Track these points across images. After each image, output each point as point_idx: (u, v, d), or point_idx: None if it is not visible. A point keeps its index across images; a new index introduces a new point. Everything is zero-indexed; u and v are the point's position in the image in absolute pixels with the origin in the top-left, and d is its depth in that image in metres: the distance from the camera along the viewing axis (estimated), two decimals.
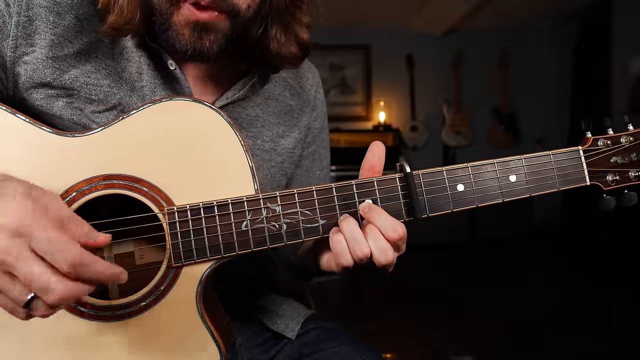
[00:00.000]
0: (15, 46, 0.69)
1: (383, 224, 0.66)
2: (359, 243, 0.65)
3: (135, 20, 0.70)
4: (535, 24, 5.23)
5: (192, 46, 0.70)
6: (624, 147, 0.76)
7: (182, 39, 0.70)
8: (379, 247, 0.65)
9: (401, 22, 5.09)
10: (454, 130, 5.32)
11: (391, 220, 0.66)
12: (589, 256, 4.26)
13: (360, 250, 0.65)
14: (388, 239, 0.66)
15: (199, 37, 0.70)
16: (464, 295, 3.47)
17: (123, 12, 0.69)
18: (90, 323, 0.65)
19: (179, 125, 0.67)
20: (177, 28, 0.70)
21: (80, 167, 0.65)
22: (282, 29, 0.79)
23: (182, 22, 0.70)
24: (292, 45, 0.81)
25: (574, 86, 5.11)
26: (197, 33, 0.70)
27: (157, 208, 0.65)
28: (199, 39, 0.70)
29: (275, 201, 0.67)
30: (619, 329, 2.78)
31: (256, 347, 0.87)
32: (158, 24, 0.71)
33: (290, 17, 0.79)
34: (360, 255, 0.65)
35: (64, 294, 0.51)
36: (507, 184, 0.72)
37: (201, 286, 0.66)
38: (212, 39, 0.71)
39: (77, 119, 0.73)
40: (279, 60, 0.81)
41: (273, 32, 0.78)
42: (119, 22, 0.69)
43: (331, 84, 5.37)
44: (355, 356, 0.81)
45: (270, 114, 0.89)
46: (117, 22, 0.69)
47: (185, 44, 0.70)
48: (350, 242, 0.66)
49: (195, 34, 0.70)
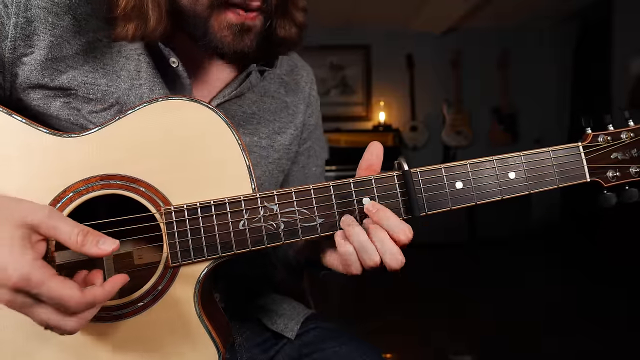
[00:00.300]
0: (14, 47, 0.69)
1: (393, 227, 0.64)
2: (368, 253, 0.64)
3: (164, 28, 0.70)
4: (535, 24, 5.22)
5: (234, 48, 0.72)
6: (625, 143, 0.75)
7: (225, 41, 0.71)
8: (390, 252, 0.64)
9: (401, 22, 5.09)
10: (454, 130, 5.31)
11: (401, 223, 0.65)
12: (587, 254, 4.25)
13: (370, 260, 0.64)
14: (398, 242, 0.64)
15: (240, 39, 0.71)
16: (464, 295, 3.47)
17: (148, 22, 0.68)
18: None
19: (175, 125, 0.67)
20: (216, 31, 0.71)
21: (77, 167, 0.65)
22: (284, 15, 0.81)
23: (222, 25, 0.70)
24: (292, 29, 0.83)
25: (574, 86, 5.10)
26: (239, 34, 0.71)
27: (154, 208, 0.65)
28: (240, 40, 0.71)
29: (272, 200, 0.67)
30: (618, 327, 2.77)
31: (255, 347, 0.87)
32: (192, 28, 0.72)
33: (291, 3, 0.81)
34: (371, 264, 0.64)
35: (78, 326, 0.55)
36: (506, 181, 0.71)
37: (199, 286, 0.66)
38: (251, 38, 0.73)
39: (74, 119, 0.72)
40: (283, 46, 0.83)
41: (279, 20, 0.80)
42: (144, 31, 0.69)
43: (331, 84, 5.37)
44: (355, 356, 0.81)
45: (266, 111, 0.89)
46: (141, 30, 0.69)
47: (229, 46, 0.71)
48: (360, 252, 0.65)
49: (237, 36, 0.71)
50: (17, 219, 0.53)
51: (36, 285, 0.51)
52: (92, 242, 0.56)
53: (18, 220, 0.53)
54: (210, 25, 0.70)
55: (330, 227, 0.68)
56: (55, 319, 0.53)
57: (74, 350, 0.64)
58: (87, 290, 0.54)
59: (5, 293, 0.51)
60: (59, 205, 0.64)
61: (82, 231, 0.55)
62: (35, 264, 0.52)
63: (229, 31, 0.71)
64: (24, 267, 0.51)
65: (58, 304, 0.52)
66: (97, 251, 0.56)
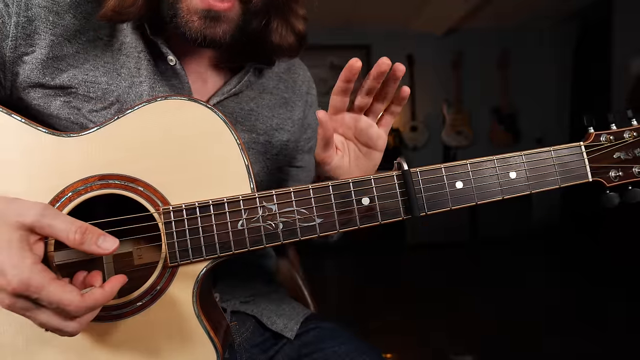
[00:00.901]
0: (15, 46, 0.69)
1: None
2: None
3: (139, 3, 0.69)
4: (535, 24, 5.22)
5: (202, 34, 0.70)
6: (628, 143, 0.74)
7: (192, 26, 0.69)
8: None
9: (401, 22, 5.08)
10: (454, 130, 5.31)
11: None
12: (589, 254, 4.25)
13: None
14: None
15: (210, 26, 0.69)
16: (464, 295, 3.46)
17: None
18: None
19: (174, 125, 0.67)
20: (185, 15, 0.69)
21: (76, 167, 0.65)
22: (282, 21, 0.80)
23: (190, 9, 0.69)
24: (290, 37, 0.82)
25: (574, 86, 5.10)
26: (209, 21, 0.69)
27: (153, 208, 0.65)
28: (210, 27, 0.70)
29: (271, 200, 0.66)
30: (618, 328, 2.77)
31: (255, 347, 0.87)
32: (165, 10, 0.70)
33: (288, 10, 0.80)
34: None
35: (79, 328, 0.55)
36: (507, 181, 0.71)
37: (197, 286, 0.66)
38: (225, 29, 0.71)
39: (75, 118, 0.72)
40: (279, 52, 0.83)
41: (275, 24, 0.80)
42: (122, 5, 0.68)
43: (331, 84, 5.33)
44: (355, 356, 0.81)
45: (264, 107, 0.89)
46: (120, 5, 0.68)
47: (196, 32, 0.70)
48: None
49: (206, 22, 0.69)
50: (13, 220, 0.53)
51: (36, 290, 0.51)
52: (91, 239, 0.55)
53: (13, 221, 0.53)
54: (179, 7, 0.69)
55: (330, 226, 0.67)
56: (55, 322, 0.53)
57: (74, 350, 0.64)
58: (87, 295, 0.54)
59: (5, 297, 0.51)
60: (58, 204, 0.63)
61: (80, 228, 0.54)
62: (34, 269, 0.51)
63: (197, 16, 0.69)
64: (23, 273, 0.50)
65: (58, 308, 0.52)
66: (97, 250, 0.55)
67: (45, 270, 0.53)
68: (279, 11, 0.79)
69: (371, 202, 0.68)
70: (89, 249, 0.55)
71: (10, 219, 0.53)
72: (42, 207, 0.54)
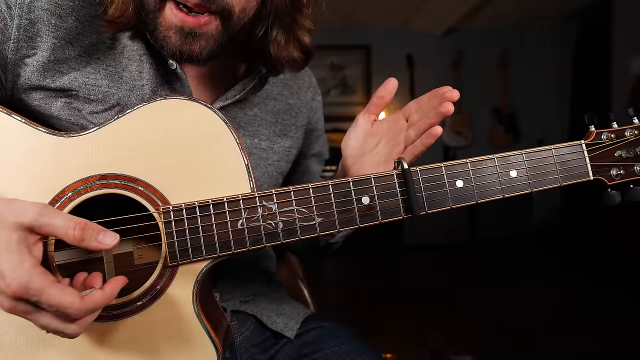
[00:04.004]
0: (17, 48, 0.69)
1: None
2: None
3: (129, 13, 0.68)
4: (535, 24, 5.22)
5: (178, 50, 0.68)
6: (629, 141, 0.74)
7: (169, 42, 0.68)
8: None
9: (401, 22, 5.08)
10: (454, 130, 5.31)
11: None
12: (589, 254, 4.25)
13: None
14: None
15: (186, 42, 0.68)
16: (463, 296, 3.46)
17: (118, 6, 0.67)
18: None
19: (174, 124, 0.67)
20: (163, 30, 0.68)
21: (76, 166, 0.65)
22: (283, 32, 0.77)
23: (167, 24, 0.67)
24: (293, 49, 0.79)
25: (574, 86, 5.09)
26: (185, 37, 0.68)
27: (153, 207, 0.65)
28: (186, 43, 0.68)
29: (271, 199, 0.66)
30: (618, 327, 2.77)
31: (255, 347, 0.86)
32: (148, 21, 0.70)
33: (290, 21, 0.76)
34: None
35: (79, 330, 0.55)
36: (508, 180, 0.71)
37: (197, 285, 0.66)
38: (202, 45, 0.69)
39: (75, 120, 0.72)
40: (278, 64, 0.79)
41: (273, 34, 0.76)
42: (114, 16, 0.68)
43: (331, 84, 5.36)
44: (354, 355, 0.81)
45: (268, 113, 0.89)
46: (113, 16, 0.68)
47: (172, 47, 0.68)
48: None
49: (182, 38, 0.68)
50: (11, 221, 0.52)
51: (35, 293, 0.50)
52: (91, 235, 0.55)
53: (12, 222, 0.52)
54: (158, 22, 0.68)
55: (330, 226, 0.67)
56: (56, 325, 0.53)
57: (74, 350, 0.64)
58: (87, 297, 0.54)
59: (5, 300, 0.51)
60: (58, 204, 0.63)
61: (79, 224, 0.54)
62: (34, 272, 0.51)
63: (172, 31, 0.67)
64: (22, 276, 0.50)
65: (58, 311, 0.52)
66: (98, 245, 0.55)
67: (45, 273, 0.52)
68: (280, 21, 0.76)
69: (371, 201, 0.68)
70: (89, 245, 0.54)
71: (8, 219, 0.52)
72: (41, 206, 0.54)
